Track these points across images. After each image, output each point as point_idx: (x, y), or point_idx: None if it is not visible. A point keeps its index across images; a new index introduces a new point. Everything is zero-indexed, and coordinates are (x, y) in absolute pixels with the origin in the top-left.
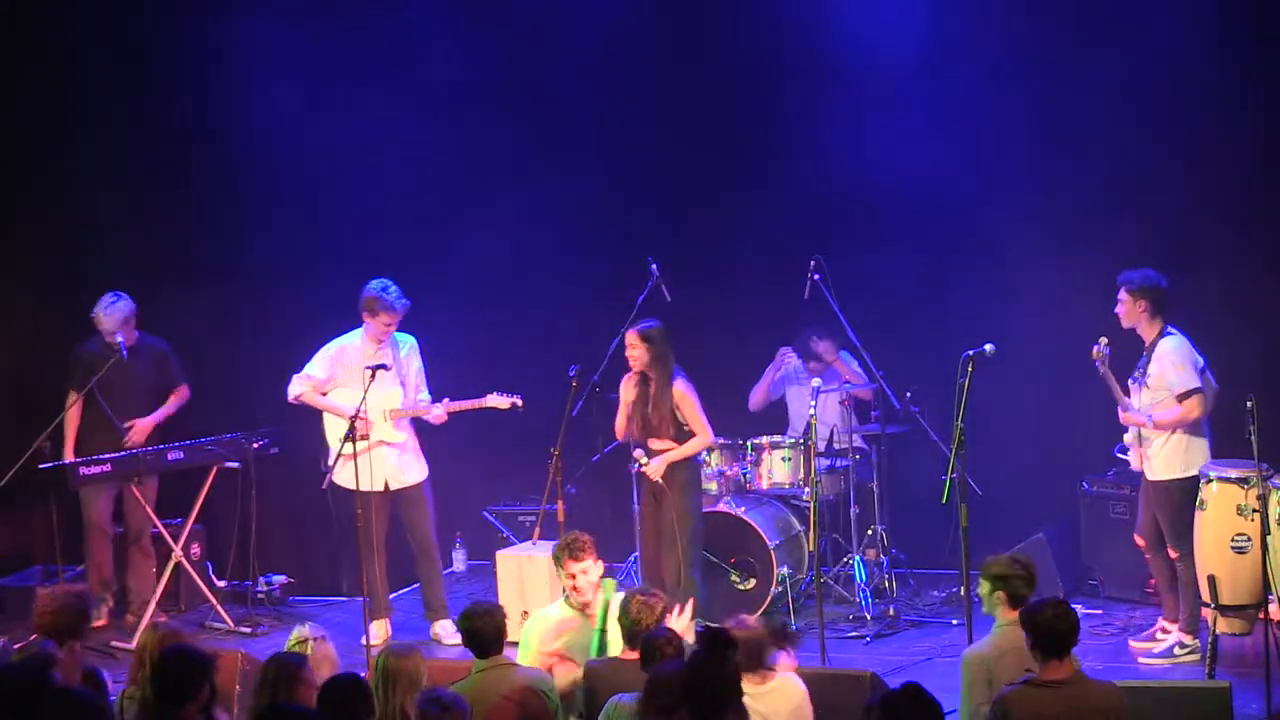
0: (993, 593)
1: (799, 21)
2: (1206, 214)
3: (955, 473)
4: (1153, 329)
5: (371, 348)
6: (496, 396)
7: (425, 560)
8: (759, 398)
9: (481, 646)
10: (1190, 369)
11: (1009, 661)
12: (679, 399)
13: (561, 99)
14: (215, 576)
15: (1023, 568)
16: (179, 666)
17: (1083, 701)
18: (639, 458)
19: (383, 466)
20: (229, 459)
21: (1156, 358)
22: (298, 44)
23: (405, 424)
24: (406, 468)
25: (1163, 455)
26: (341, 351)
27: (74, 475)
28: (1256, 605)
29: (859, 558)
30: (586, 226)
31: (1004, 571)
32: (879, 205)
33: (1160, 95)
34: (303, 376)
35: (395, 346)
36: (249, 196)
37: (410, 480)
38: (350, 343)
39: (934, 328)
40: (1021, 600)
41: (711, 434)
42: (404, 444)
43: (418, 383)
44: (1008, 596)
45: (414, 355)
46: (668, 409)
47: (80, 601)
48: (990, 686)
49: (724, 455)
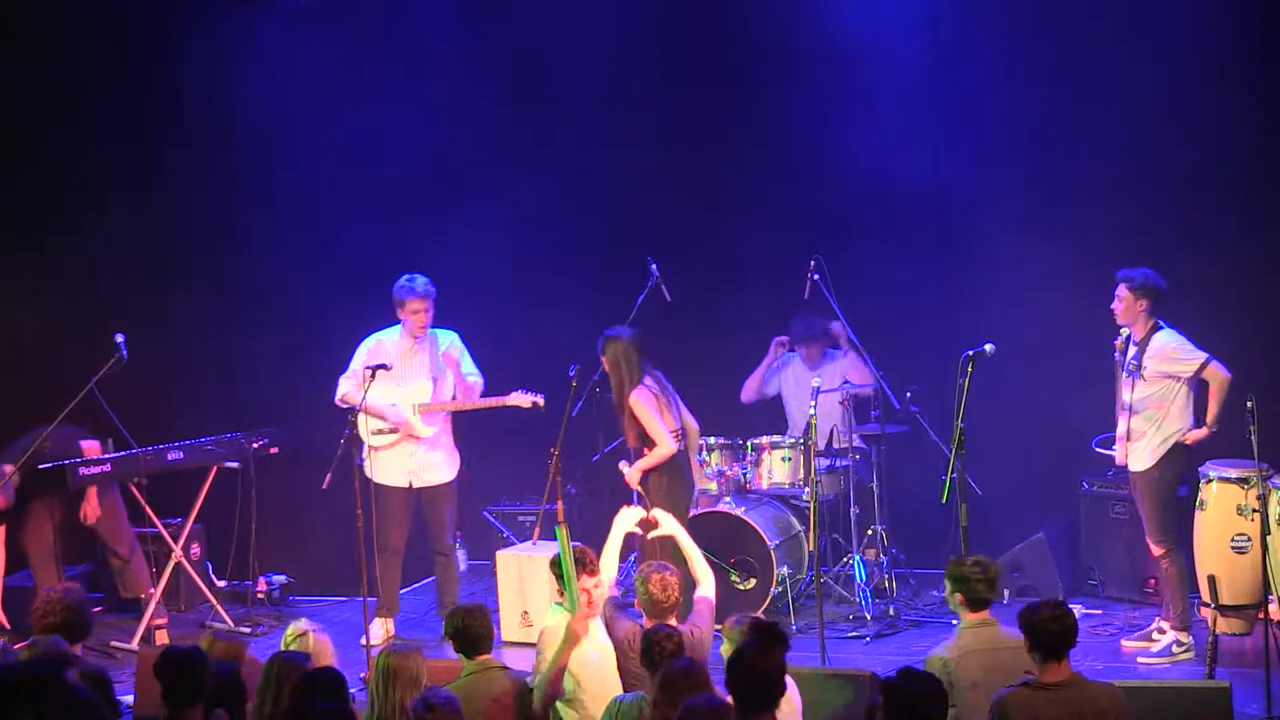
0: (953, 594)
1: (799, 21)
2: (1208, 215)
3: (955, 473)
4: (1146, 325)
5: (408, 342)
6: (519, 395)
7: (442, 559)
8: (751, 389)
9: (470, 646)
10: (1190, 345)
11: (970, 663)
12: (633, 409)
13: (561, 98)
14: (215, 576)
15: (983, 570)
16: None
17: (1082, 704)
18: (622, 467)
19: (408, 463)
20: (229, 459)
21: (1153, 352)
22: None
23: (437, 420)
24: (434, 465)
25: (1151, 448)
26: (378, 345)
27: (74, 475)
28: (1256, 605)
29: (859, 558)
30: (587, 226)
31: (965, 574)
32: (879, 205)
33: (1160, 95)
34: (346, 375)
35: (434, 342)
36: (251, 196)
37: (436, 479)
38: (387, 337)
39: (934, 328)
40: (982, 603)
41: (671, 444)
42: (434, 440)
43: (469, 376)
44: (967, 599)
45: (454, 349)
46: (630, 421)
47: (80, 603)
48: (951, 689)
49: (724, 455)
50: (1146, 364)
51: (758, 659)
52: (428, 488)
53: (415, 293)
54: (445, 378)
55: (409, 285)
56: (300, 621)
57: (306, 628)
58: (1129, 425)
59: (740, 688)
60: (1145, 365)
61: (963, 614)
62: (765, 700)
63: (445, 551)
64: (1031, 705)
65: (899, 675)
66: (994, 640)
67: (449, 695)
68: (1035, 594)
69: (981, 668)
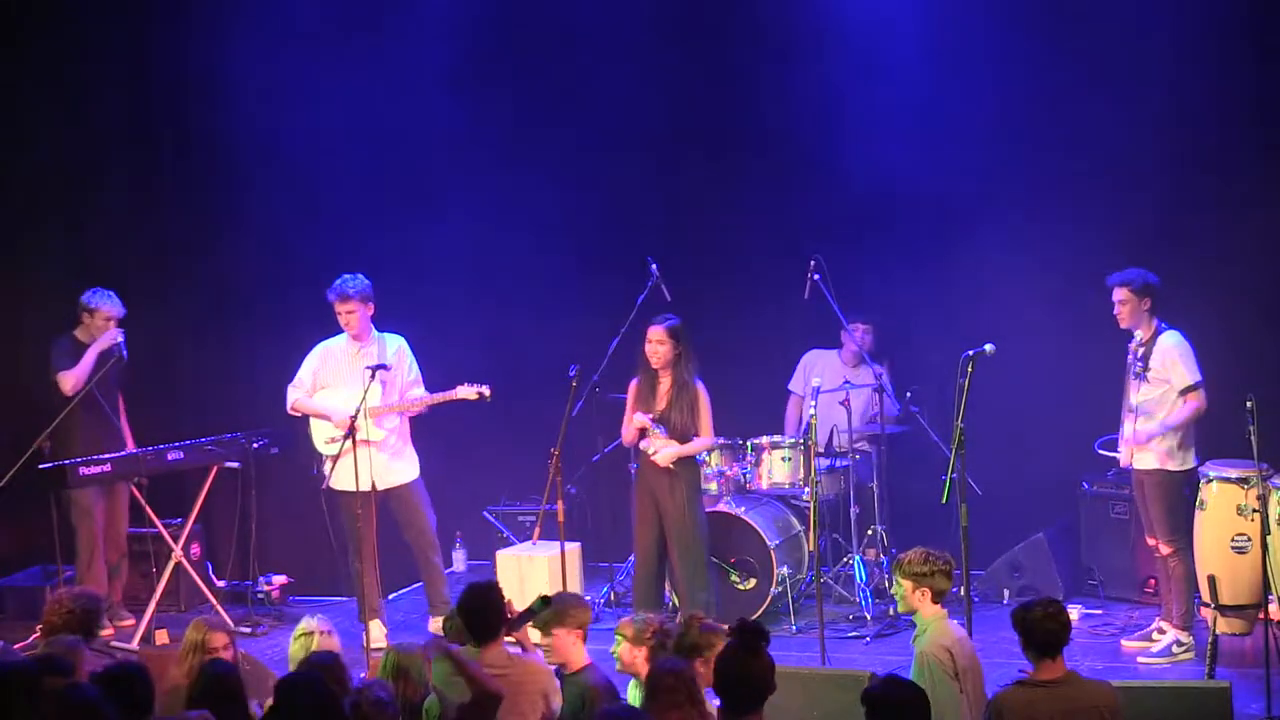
0: (916, 590)
1: (800, 20)
2: (1208, 215)
3: (955, 473)
4: (1150, 326)
5: (354, 346)
6: (465, 388)
7: (425, 558)
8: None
9: (486, 629)
10: (1194, 363)
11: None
12: (698, 396)
13: (560, 97)
14: (215, 576)
15: (944, 562)
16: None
17: (1076, 701)
18: (652, 438)
19: (368, 466)
20: (229, 459)
21: (1159, 352)
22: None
23: (390, 423)
24: (393, 467)
25: (1160, 447)
26: (326, 353)
27: (74, 475)
28: (1256, 605)
29: (859, 558)
30: (586, 226)
31: (927, 569)
32: (879, 205)
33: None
34: (294, 384)
35: (382, 345)
36: (246, 195)
37: (398, 480)
38: (334, 344)
39: (934, 328)
40: (945, 595)
41: (714, 438)
42: (386, 443)
43: (409, 382)
44: (934, 593)
45: (403, 355)
46: (689, 403)
47: (92, 603)
48: (956, 678)
49: (724, 455)
50: (1151, 365)
51: (742, 661)
52: (393, 489)
53: (335, 293)
54: (392, 380)
55: (333, 289)
56: (312, 619)
57: (317, 627)
58: (1134, 427)
59: (726, 689)
60: (1150, 367)
61: (925, 608)
62: (751, 701)
63: (424, 550)
64: (1027, 703)
65: (881, 683)
66: (958, 630)
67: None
68: (1035, 594)
69: (968, 655)
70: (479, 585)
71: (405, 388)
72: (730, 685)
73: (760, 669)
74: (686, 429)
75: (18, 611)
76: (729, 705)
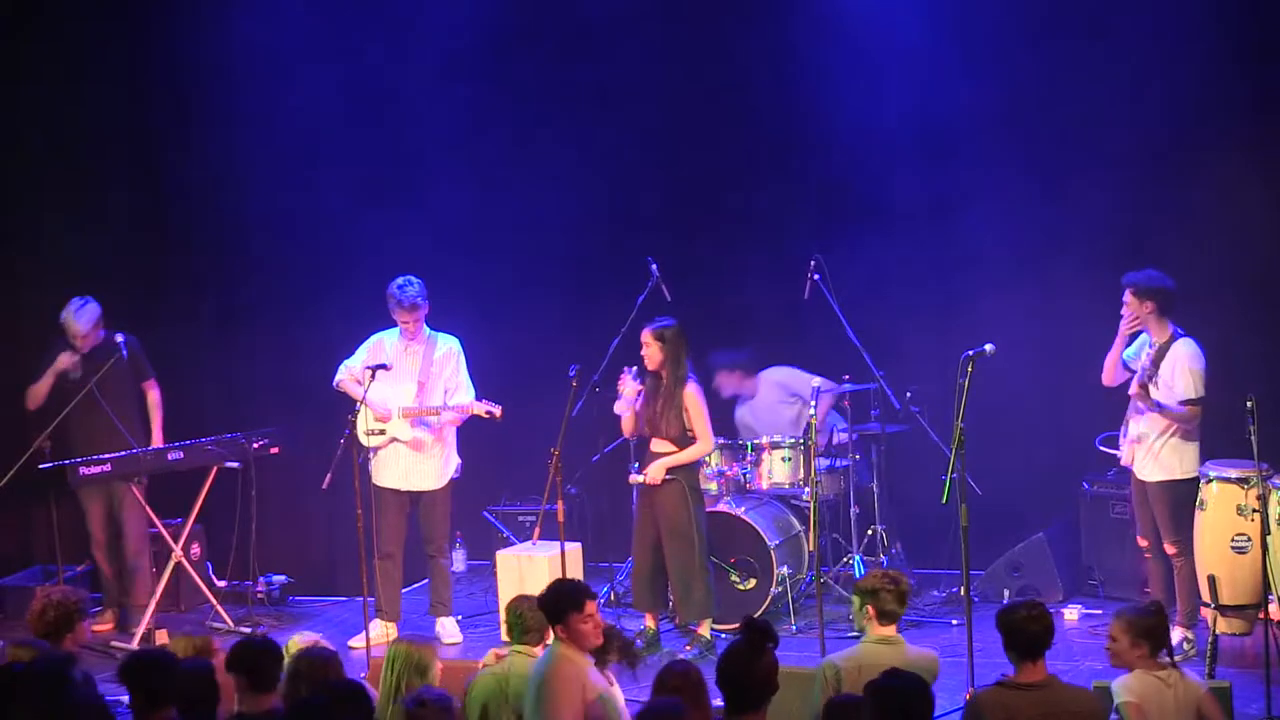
0: (862, 607)
1: (800, 20)
2: (1210, 216)
3: (955, 473)
4: (1163, 330)
5: (404, 344)
6: (479, 404)
7: (434, 562)
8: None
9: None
10: (1201, 379)
11: (859, 680)
12: (687, 401)
13: (560, 97)
14: (215, 576)
15: (893, 583)
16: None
17: (1057, 705)
18: (633, 480)
19: (399, 465)
20: (229, 459)
21: (1171, 360)
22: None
23: (424, 425)
24: (422, 470)
25: (1161, 456)
26: (379, 344)
27: (74, 475)
28: (1256, 605)
29: (859, 557)
30: (586, 225)
31: (874, 586)
32: (879, 204)
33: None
34: (346, 365)
35: (431, 344)
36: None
37: (426, 485)
38: (387, 337)
39: (934, 328)
40: (892, 616)
41: (712, 441)
42: (419, 443)
43: (455, 385)
44: (877, 611)
45: (451, 357)
46: (676, 409)
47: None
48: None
49: (724, 455)
50: (1162, 370)
51: (747, 659)
52: (423, 492)
53: (400, 304)
54: (434, 383)
55: (397, 294)
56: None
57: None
58: (1139, 430)
59: (729, 689)
60: (1160, 372)
61: (871, 628)
62: (754, 701)
63: (435, 555)
64: (1006, 704)
65: (885, 675)
66: (894, 660)
67: (442, 693)
68: (1035, 594)
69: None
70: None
71: (451, 391)
72: (733, 684)
73: (764, 668)
74: (670, 428)
75: (18, 611)
76: (731, 704)
